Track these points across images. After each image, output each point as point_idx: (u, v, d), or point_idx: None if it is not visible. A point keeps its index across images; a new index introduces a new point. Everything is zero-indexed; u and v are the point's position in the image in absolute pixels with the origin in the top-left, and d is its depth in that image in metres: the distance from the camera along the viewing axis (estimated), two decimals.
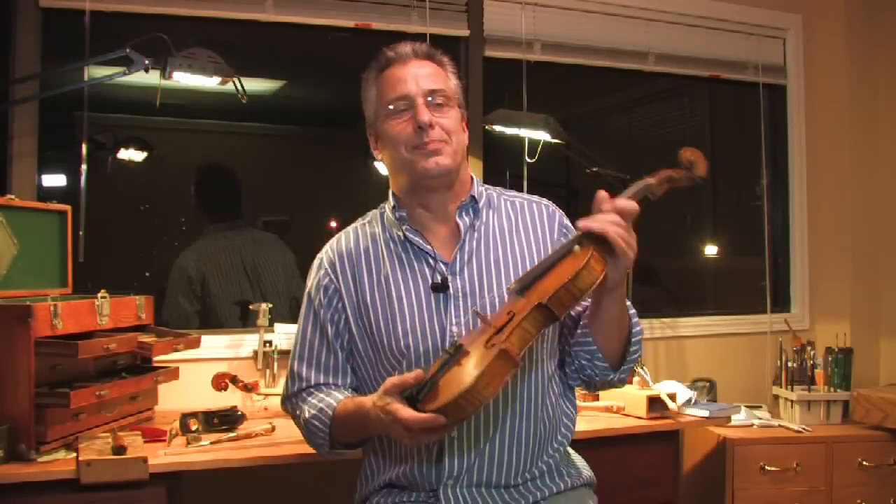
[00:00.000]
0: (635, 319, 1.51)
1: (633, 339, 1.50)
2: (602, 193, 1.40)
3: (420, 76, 1.52)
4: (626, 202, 1.38)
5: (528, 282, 1.39)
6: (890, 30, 3.40)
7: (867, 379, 3.27)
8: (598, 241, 1.35)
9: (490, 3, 3.01)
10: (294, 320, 2.73)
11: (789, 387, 3.08)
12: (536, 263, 1.44)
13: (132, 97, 2.70)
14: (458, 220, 1.54)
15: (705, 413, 2.53)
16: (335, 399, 1.53)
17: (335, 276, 1.58)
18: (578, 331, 1.51)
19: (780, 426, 2.97)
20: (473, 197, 1.56)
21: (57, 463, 1.77)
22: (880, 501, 2.86)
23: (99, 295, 2.05)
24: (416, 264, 1.53)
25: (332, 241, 1.65)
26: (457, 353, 1.34)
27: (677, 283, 3.56)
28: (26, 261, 2.13)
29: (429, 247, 1.53)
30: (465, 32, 2.98)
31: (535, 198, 1.65)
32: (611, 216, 1.36)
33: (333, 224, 3.15)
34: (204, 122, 3.05)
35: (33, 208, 2.20)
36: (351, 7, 2.84)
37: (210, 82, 2.37)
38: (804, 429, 2.92)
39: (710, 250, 3.70)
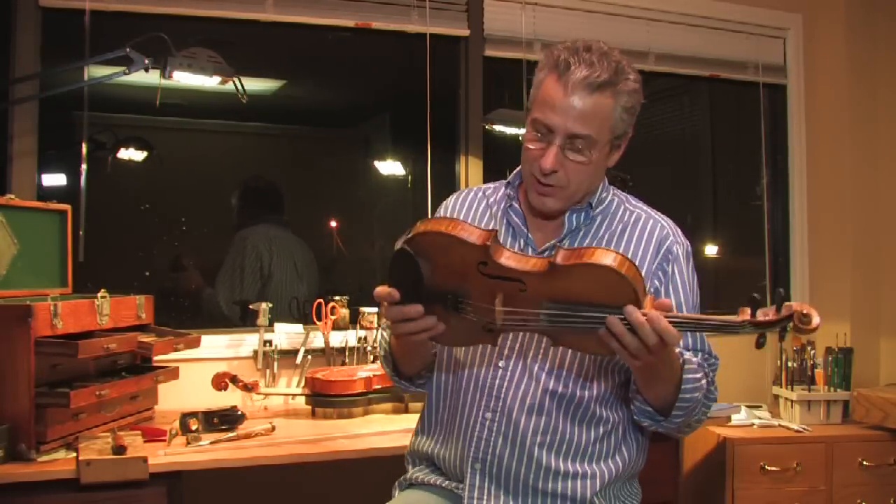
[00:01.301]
0: (689, 385, 1.36)
1: (678, 405, 1.38)
2: (664, 301, 1.22)
3: (573, 113, 1.38)
4: (669, 327, 1.19)
5: (561, 323, 1.28)
6: (890, 30, 3.40)
7: (867, 379, 3.27)
8: None
9: (490, 2, 3.01)
10: (300, 321, 2.77)
11: (789, 386, 3.08)
12: (582, 311, 1.26)
13: (132, 97, 2.70)
14: (566, 220, 1.51)
15: None
16: None
17: (444, 213, 1.62)
18: None
19: (780, 426, 2.97)
20: (590, 203, 1.52)
21: (57, 463, 1.77)
22: (880, 501, 2.86)
23: (99, 295, 2.05)
24: (508, 241, 1.52)
25: (456, 193, 1.67)
26: (454, 310, 1.32)
27: None
28: (26, 261, 2.13)
29: (524, 229, 1.52)
30: (466, 32, 2.98)
31: (659, 216, 1.56)
32: (640, 327, 1.19)
33: (333, 224, 3.16)
34: (204, 121, 3.06)
35: (33, 208, 2.20)
36: (351, 7, 2.84)
37: (210, 82, 2.37)
38: (804, 429, 2.92)
39: (710, 250, 3.70)
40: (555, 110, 1.39)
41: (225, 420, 2.09)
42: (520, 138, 1.57)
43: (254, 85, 2.89)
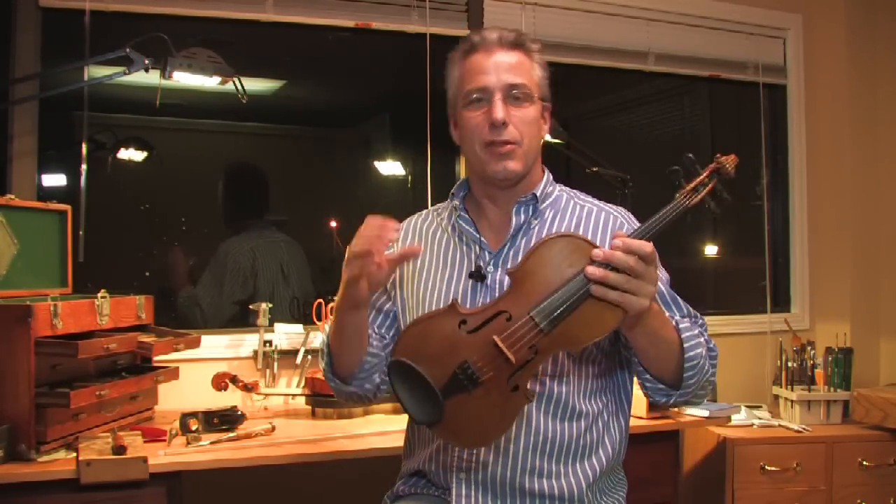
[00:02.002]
0: (691, 343, 1.39)
1: (686, 365, 1.38)
2: (617, 231, 1.33)
3: (502, 68, 1.46)
4: (634, 241, 1.26)
5: (555, 312, 1.28)
6: (890, 30, 3.40)
7: (867, 379, 3.27)
8: None
9: (490, 3, 3.01)
10: (300, 321, 2.77)
11: (789, 387, 3.08)
12: (563, 288, 1.28)
13: (132, 97, 2.70)
14: (513, 215, 1.51)
15: (705, 413, 2.53)
16: None
17: (398, 246, 1.60)
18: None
19: (780, 426, 2.97)
20: (535, 195, 1.52)
21: (57, 463, 1.77)
22: (880, 501, 2.86)
23: (99, 295, 2.05)
24: (463, 249, 1.53)
25: (411, 217, 1.67)
26: (472, 382, 1.29)
27: (677, 283, 3.53)
28: (26, 261, 2.13)
29: (476, 235, 1.52)
30: (465, 32, 2.97)
31: (611, 207, 1.57)
32: (610, 258, 1.25)
33: (333, 224, 3.16)
34: (204, 122, 3.05)
35: (33, 208, 2.20)
36: (351, 7, 2.84)
37: (210, 82, 2.37)
38: (804, 429, 2.92)
39: (710, 250, 3.70)
40: (485, 71, 1.46)
41: (225, 420, 2.09)
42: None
43: (254, 85, 2.89)
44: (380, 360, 1.52)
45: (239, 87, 2.39)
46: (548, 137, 2.74)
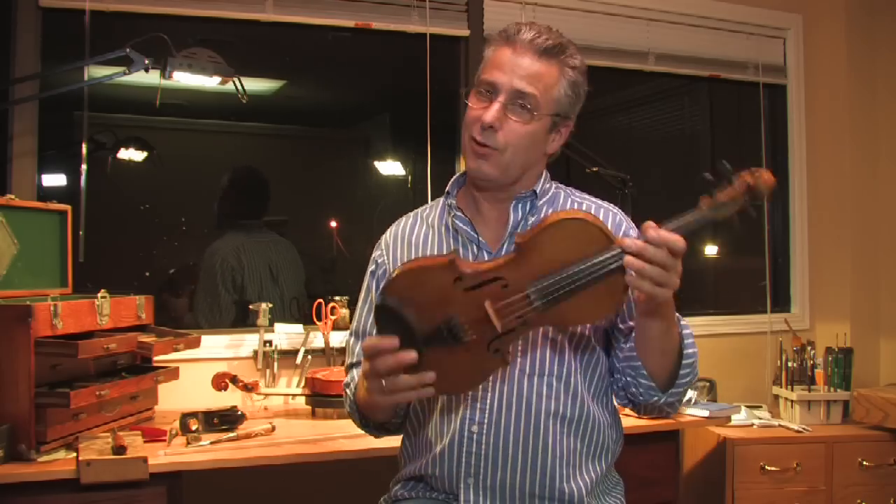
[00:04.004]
0: (689, 341, 1.41)
1: (683, 363, 1.40)
2: (648, 223, 1.28)
3: (519, 71, 1.40)
4: (669, 235, 1.26)
5: (554, 294, 1.28)
6: (890, 30, 3.40)
7: (867, 379, 3.27)
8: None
9: (490, 2, 3.01)
10: (300, 321, 2.77)
11: (789, 387, 3.08)
12: (568, 272, 1.28)
13: (132, 97, 2.70)
14: (511, 212, 1.49)
15: (705, 413, 2.53)
16: None
17: (386, 254, 1.58)
18: (626, 345, 1.44)
19: (780, 426, 2.97)
20: (535, 191, 1.51)
21: (57, 463, 1.77)
22: (880, 501, 2.86)
23: (99, 295, 2.05)
24: (460, 250, 1.50)
25: (395, 223, 1.64)
26: (454, 341, 1.30)
27: None
28: (26, 261, 2.13)
29: (474, 234, 1.50)
30: (465, 32, 2.98)
31: (606, 204, 1.56)
32: (643, 250, 1.24)
33: (333, 224, 3.16)
34: (204, 121, 3.05)
35: (33, 208, 2.20)
36: (351, 7, 2.84)
37: (210, 82, 2.37)
38: (804, 429, 2.92)
39: (710, 250, 3.70)
40: (502, 68, 1.41)
41: (225, 420, 2.09)
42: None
43: (254, 85, 2.89)
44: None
45: (239, 87, 2.39)
46: None
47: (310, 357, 2.61)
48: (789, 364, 3.11)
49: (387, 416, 1.52)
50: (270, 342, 2.59)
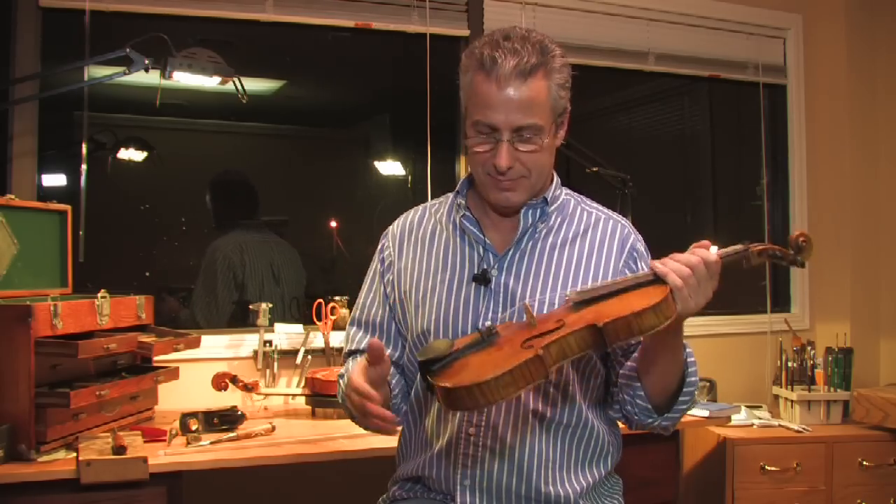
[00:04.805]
0: (692, 369, 1.41)
1: (684, 390, 1.40)
2: (704, 242, 1.33)
3: (513, 106, 1.35)
4: (709, 255, 1.30)
5: (590, 298, 1.30)
6: (890, 30, 3.40)
7: (867, 379, 3.27)
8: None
9: (490, 2, 3.01)
10: (300, 321, 2.77)
11: (789, 387, 3.08)
12: (603, 283, 1.34)
13: (132, 97, 2.70)
14: (521, 218, 1.47)
15: (705, 413, 2.53)
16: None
17: (393, 247, 1.57)
18: (628, 363, 1.44)
19: (780, 426, 2.97)
20: (545, 198, 1.49)
21: (57, 463, 1.77)
22: (880, 501, 2.86)
23: (99, 295, 2.05)
24: (466, 251, 1.49)
25: (403, 215, 1.62)
26: (489, 339, 1.29)
27: None
28: (26, 261, 2.13)
29: (481, 236, 1.49)
30: (465, 32, 2.98)
31: (616, 216, 1.55)
32: (687, 261, 1.28)
33: (333, 224, 3.16)
34: (204, 121, 3.06)
35: (33, 208, 2.20)
36: (351, 7, 2.84)
37: (210, 82, 2.37)
38: (804, 429, 2.92)
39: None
40: (493, 108, 1.36)
41: (225, 420, 2.09)
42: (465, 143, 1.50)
43: (254, 85, 2.89)
44: (401, 398, 1.54)
45: (239, 87, 2.39)
46: None
47: (310, 357, 2.61)
48: (789, 364, 3.11)
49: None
50: (270, 342, 2.59)
